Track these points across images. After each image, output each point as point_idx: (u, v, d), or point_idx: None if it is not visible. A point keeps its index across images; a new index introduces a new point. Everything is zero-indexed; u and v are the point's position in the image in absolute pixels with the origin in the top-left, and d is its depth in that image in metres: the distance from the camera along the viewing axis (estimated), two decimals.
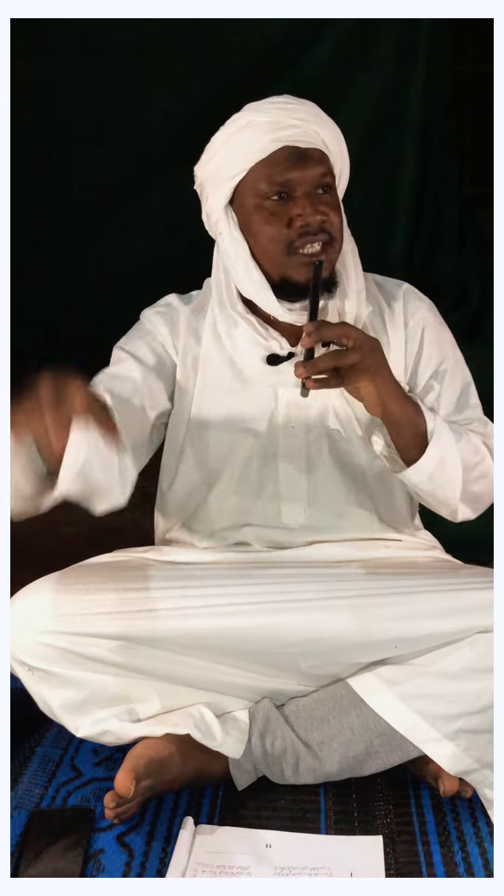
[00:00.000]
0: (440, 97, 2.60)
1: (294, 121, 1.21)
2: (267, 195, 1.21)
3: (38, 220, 2.44)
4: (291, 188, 1.21)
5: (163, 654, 1.22)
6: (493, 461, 1.29)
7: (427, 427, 1.22)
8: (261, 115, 1.22)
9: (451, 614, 1.19)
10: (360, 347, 1.12)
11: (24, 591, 1.25)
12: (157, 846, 1.18)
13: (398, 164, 2.54)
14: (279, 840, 1.17)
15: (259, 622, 1.21)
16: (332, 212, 1.23)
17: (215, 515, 1.37)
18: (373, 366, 1.15)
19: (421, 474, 1.23)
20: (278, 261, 1.22)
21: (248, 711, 1.27)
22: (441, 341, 1.35)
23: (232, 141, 1.23)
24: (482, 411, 1.36)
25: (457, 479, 1.24)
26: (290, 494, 1.34)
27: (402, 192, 2.55)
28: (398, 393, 1.20)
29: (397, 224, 2.57)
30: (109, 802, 1.18)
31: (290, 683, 1.27)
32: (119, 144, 2.43)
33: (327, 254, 1.22)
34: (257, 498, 1.35)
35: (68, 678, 1.21)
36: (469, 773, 1.18)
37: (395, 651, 1.22)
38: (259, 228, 1.23)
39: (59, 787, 1.31)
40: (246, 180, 1.23)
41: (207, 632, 1.21)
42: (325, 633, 1.20)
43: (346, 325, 1.15)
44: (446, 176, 2.67)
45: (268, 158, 1.21)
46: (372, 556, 1.35)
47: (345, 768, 1.24)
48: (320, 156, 1.23)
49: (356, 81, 2.47)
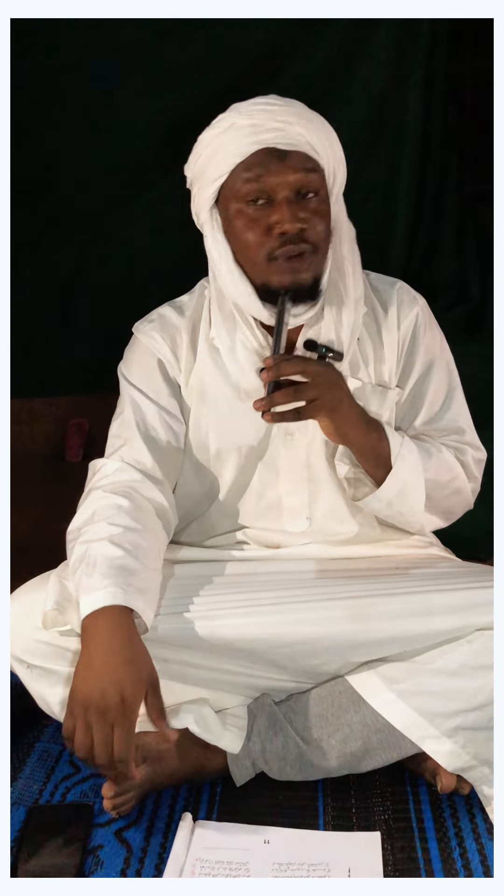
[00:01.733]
0: (440, 94, 2.60)
1: (276, 123, 1.17)
2: (247, 199, 1.18)
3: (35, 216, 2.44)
4: (272, 192, 1.17)
5: (160, 652, 1.21)
6: (466, 475, 1.31)
7: (391, 452, 1.23)
8: (243, 117, 1.18)
9: (448, 613, 1.19)
10: (319, 384, 1.13)
11: (22, 588, 1.25)
12: (156, 842, 1.18)
13: (398, 161, 2.53)
14: (277, 836, 1.18)
15: (257, 621, 1.21)
16: (316, 218, 1.19)
17: (216, 522, 1.38)
18: (331, 402, 1.15)
19: (380, 502, 1.25)
20: (259, 267, 1.20)
21: (247, 707, 1.28)
22: (431, 344, 1.34)
23: (215, 143, 1.20)
24: (466, 417, 1.36)
25: (418, 505, 1.27)
26: (291, 503, 1.34)
27: (401, 189, 2.55)
28: (359, 423, 1.21)
29: (397, 222, 2.56)
30: (107, 792, 1.18)
31: (289, 681, 1.27)
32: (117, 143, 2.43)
33: (308, 262, 1.19)
34: (258, 505, 1.35)
35: (67, 676, 1.21)
36: (467, 770, 1.19)
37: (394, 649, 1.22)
38: (240, 233, 1.20)
39: (58, 783, 1.31)
40: (228, 183, 1.20)
41: (205, 630, 1.21)
42: (322, 631, 1.20)
43: (305, 361, 1.14)
44: (446, 173, 2.67)
45: (247, 161, 1.17)
46: (370, 554, 1.35)
47: (343, 765, 1.24)
48: (304, 159, 1.18)
49: (355, 79, 2.47)
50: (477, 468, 1.35)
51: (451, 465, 1.29)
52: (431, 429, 1.33)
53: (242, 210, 1.19)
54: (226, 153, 1.18)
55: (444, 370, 1.35)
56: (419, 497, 1.26)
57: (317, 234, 1.19)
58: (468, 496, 1.35)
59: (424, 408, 1.32)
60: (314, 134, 1.18)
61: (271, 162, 1.17)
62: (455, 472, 1.30)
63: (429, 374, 1.32)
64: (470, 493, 1.35)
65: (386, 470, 1.23)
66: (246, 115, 1.18)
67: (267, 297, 1.21)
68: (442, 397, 1.34)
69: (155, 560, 1.19)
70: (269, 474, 1.33)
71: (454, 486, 1.30)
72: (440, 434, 1.33)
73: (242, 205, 1.19)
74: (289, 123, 1.17)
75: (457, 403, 1.35)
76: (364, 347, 1.31)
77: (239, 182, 1.18)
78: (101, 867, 1.14)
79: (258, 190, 1.17)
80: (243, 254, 1.21)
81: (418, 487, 1.25)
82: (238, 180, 1.18)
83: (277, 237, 1.17)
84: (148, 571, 1.15)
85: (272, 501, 1.34)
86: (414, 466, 1.24)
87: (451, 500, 1.32)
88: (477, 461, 1.34)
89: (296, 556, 1.35)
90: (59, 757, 1.37)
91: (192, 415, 1.33)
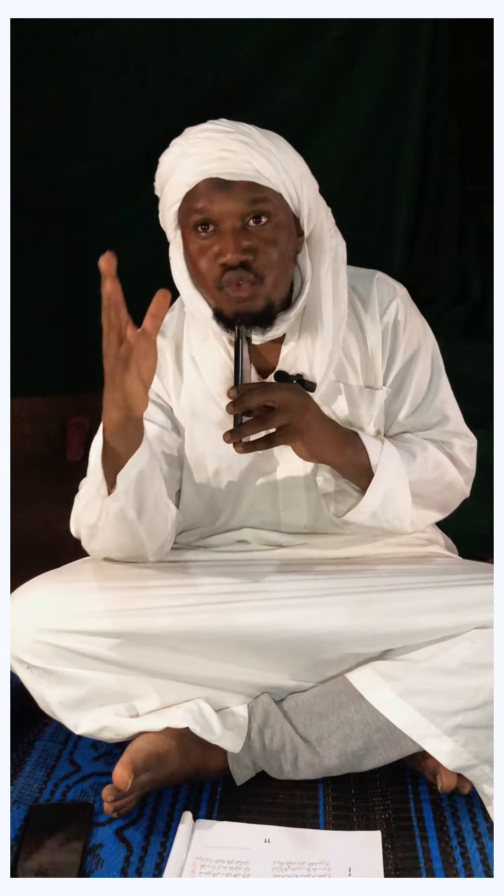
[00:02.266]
0: (441, 94, 2.60)
1: (220, 152, 1.15)
2: (195, 227, 1.18)
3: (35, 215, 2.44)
4: (217, 221, 1.16)
5: (161, 650, 1.22)
6: (456, 467, 1.30)
7: (371, 462, 1.22)
8: (190, 145, 1.17)
9: (448, 610, 1.19)
10: (286, 409, 1.12)
11: (21, 588, 1.25)
12: (156, 841, 1.18)
13: (399, 160, 2.53)
14: (278, 835, 1.18)
15: (256, 618, 1.21)
16: (265, 246, 1.17)
17: (216, 529, 1.38)
18: (301, 425, 1.14)
19: (362, 514, 1.25)
20: (210, 293, 1.20)
21: (247, 706, 1.27)
22: (413, 332, 1.33)
23: (168, 168, 1.19)
24: (453, 404, 1.35)
25: (403, 511, 1.26)
26: (290, 510, 1.34)
27: (402, 189, 2.55)
28: (332, 441, 1.20)
29: (397, 222, 2.57)
30: (108, 796, 1.18)
31: (289, 679, 1.27)
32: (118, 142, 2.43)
33: (254, 292, 1.17)
34: (257, 513, 1.35)
35: (66, 676, 1.21)
36: (467, 769, 1.19)
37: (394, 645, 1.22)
38: (193, 259, 1.20)
39: (58, 782, 1.31)
40: (181, 209, 1.20)
41: (205, 628, 1.21)
42: (322, 628, 1.21)
43: (269, 388, 1.14)
44: (447, 172, 2.67)
45: (193, 191, 1.17)
46: (370, 552, 1.35)
47: (343, 764, 1.24)
48: (250, 187, 1.15)
49: (356, 79, 2.47)
50: (467, 458, 1.34)
51: (438, 461, 1.29)
52: (416, 421, 1.32)
53: (194, 237, 1.19)
54: (175, 182, 1.18)
55: (428, 357, 1.34)
56: (404, 502, 1.25)
57: (265, 263, 1.17)
58: (462, 488, 1.34)
59: (410, 396, 1.31)
60: (263, 160, 1.15)
61: (215, 192, 1.15)
62: (443, 468, 1.29)
63: (413, 362, 1.32)
64: (463, 485, 1.34)
65: (368, 478, 1.23)
66: (192, 144, 1.17)
67: (224, 320, 1.21)
68: (426, 385, 1.33)
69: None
70: (268, 486, 1.33)
71: (444, 481, 1.30)
72: (425, 427, 1.32)
73: (193, 232, 1.19)
74: (233, 152, 1.15)
75: (442, 390, 1.34)
76: (349, 348, 1.30)
77: (187, 211, 1.19)
78: (101, 866, 1.14)
79: (203, 220, 1.17)
80: (197, 278, 1.22)
81: (403, 493, 1.24)
82: (187, 208, 1.19)
83: (220, 267, 1.17)
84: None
85: (271, 510, 1.35)
86: (397, 472, 1.24)
87: (444, 495, 1.32)
88: (466, 450, 1.34)
89: (296, 555, 1.35)
90: (60, 756, 1.37)
91: (187, 434, 1.33)
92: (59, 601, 1.22)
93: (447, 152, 2.67)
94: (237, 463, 1.31)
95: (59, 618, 1.20)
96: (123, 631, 1.21)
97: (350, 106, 2.47)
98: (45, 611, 1.21)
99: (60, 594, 1.23)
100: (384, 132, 2.53)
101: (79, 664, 1.21)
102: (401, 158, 2.53)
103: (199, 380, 1.31)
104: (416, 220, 2.61)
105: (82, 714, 1.23)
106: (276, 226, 1.18)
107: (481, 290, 2.57)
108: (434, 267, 2.63)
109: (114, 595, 1.22)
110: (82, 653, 1.21)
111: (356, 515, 1.25)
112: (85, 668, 1.21)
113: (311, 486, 1.32)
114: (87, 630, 1.20)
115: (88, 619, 1.20)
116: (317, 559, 1.34)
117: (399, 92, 2.50)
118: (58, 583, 1.26)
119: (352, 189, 2.54)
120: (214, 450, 1.30)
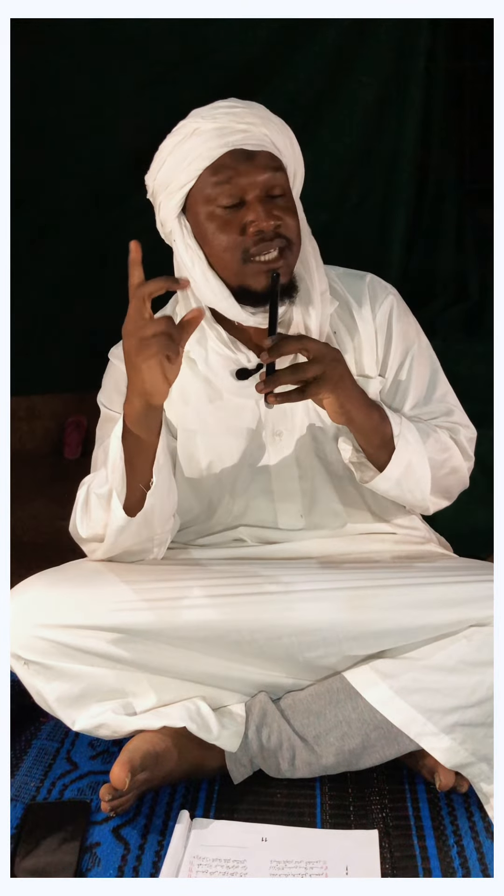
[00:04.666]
0: (440, 94, 2.60)
1: (242, 125, 1.18)
2: (218, 202, 1.19)
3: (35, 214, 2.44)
4: (242, 193, 1.18)
5: (159, 646, 1.22)
6: (461, 453, 1.32)
7: (393, 432, 1.22)
8: (207, 121, 1.19)
9: (446, 606, 1.19)
10: (321, 360, 1.13)
11: (20, 586, 1.25)
12: (153, 839, 1.18)
13: (397, 159, 2.53)
14: (275, 834, 1.18)
15: (254, 613, 1.21)
16: (287, 216, 1.20)
17: (213, 526, 1.38)
18: (333, 377, 1.14)
19: (388, 482, 1.25)
20: (235, 269, 1.20)
21: (244, 705, 1.27)
22: (407, 330, 1.34)
23: (179, 149, 1.20)
24: (453, 397, 1.37)
25: (425, 481, 1.26)
26: (285, 502, 1.35)
27: (401, 188, 2.55)
28: (362, 401, 1.20)
29: (397, 221, 2.56)
30: (105, 795, 1.18)
31: (286, 677, 1.27)
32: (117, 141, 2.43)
33: (285, 259, 1.20)
34: (253, 507, 1.35)
35: (64, 671, 1.21)
36: (465, 767, 1.19)
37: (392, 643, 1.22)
38: (213, 237, 1.20)
39: (56, 780, 1.31)
40: (196, 188, 1.20)
41: (203, 624, 1.21)
42: (319, 623, 1.21)
43: (304, 338, 1.14)
44: (446, 171, 2.67)
45: (215, 164, 1.18)
46: (367, 549, 1.36)
47: (341, 762, 1.24)
48: (270, 158, 1.19)
49: (355, 79, 2.47)
50: (470, 446, 1.35)
51: (447, 445, 1.30)
52: (422, 412, 1.33)
53: (214, 213, 1.19)
54: (192, 158, 1.18)
55: (425, 353, 1.35)
56: (425, 473, 1.26)
57: (292, 230, 1.20)
58: (464, 474, 1.35)
59: (411, 392, 1.33)
60: (277, 134, 1.20)
61: (240, 163, 1.17)
62: (450, 452, 1.30)
63: (410, 360, 1.33)
64: (466, 472, 1.35)
65: (388, 452, 1.23)
66: (209, 118, 1.19)
67: (245, 299, 1.21)
68: (426, 380, 1.34)
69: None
70: (261, 477, 1.33)
71: (451, 464, 1.31)
72: (431, 417, 1.33)
73: (213, 208, 1.19)
74: (253, 125, 1.18)
75: (442, 384, 1.36)
76: (342, 340, 1.31)
77: (208, 186, 1.19)
78: (98, 864, 1.14)
79: (229, 191, 1.18)
80: (217, 257, 1.21)
81: (423, 465, 1.25)
82: (207, 184, 1.19)
83: (253, 236, 1.17)
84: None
85: (266, 502, 1.35)
86: (416, 445, 1.24)
87: (449, 479, 1.33)
88: (469, 440, 1.35)
89: (293, 551, 1.35)
90: (57, 754, 1.37)
91: (180, 430, 1.33)
92: (57, 596, 1.22)
93: (446, 151, 2.67)
94: (229, 455, 1.31)
95: (58, 613, 1.20)
96: (121, 626, 1.21)
97: (349, 105, 2.47)
98: (43, 606, 1.21)
99: (58, 590, 1.23)
100: (383, 132, 2.53)
101: (77, 660, 1.21)
102: (400, 158, 2.53)
103: (192, 372, 1.31)
104: (415, 220, 2.61)
105: (80, 710, 1.23)
106: (288, 198, 1.22)
107: (480, 289, 2.57)
108: (432, 266, 2.63)
109: (112, 590, 1.22)
110: (80, 648, 1.21)
111: (383, 482, 1.25)
112: (83, 663, 1.21)
113: (304, 476, 1.32)
114: (86, 625, 1.20)
115: (87, 614, 1.20)
116: (314, 556, 1.34)
117: (398, 92, 2.50)
118: (56, 579, 1.26)
119: (351, 188, 2.54)
120: (207, 441, 1.31)
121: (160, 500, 1.20)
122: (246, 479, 1.33)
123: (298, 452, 1.31)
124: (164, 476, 1.19)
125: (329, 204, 2.43)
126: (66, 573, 1.27)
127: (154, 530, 1.24)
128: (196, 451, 1.33)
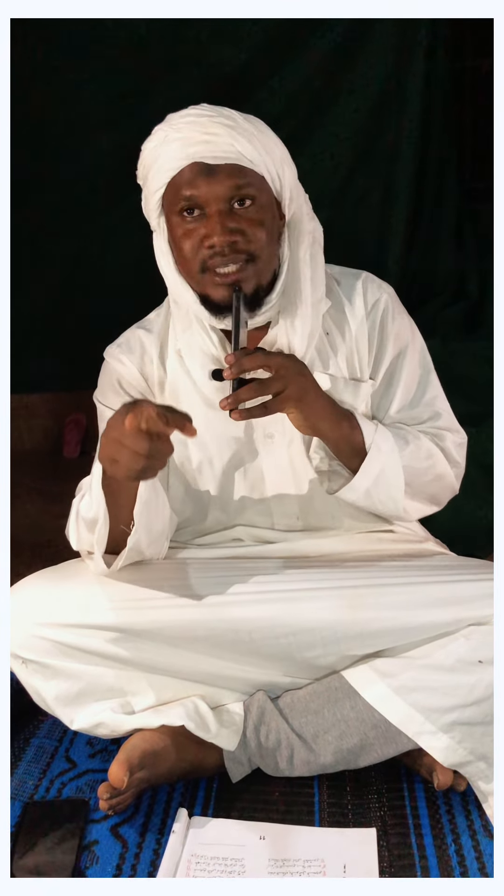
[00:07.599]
0: (440, 92, 2.60)
1: (204, 136, 1.16)
2: (181, 212, 1.19)
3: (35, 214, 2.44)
4: (203, 205, 1.17)
5: (157, 645, 1.22)
6: (446, 459, 1.30)
7: (365, 441, 1.22)
8: (173, 130, 1.18)
9: (444, 605, 1.19)
10: (284, 375, 1.12)
11: (18, 584, 1.25)
12: (152, 838, 1.18)
13: (397, 158, 2.53)
14: (273, 832, 1.18)
15: (253, 612, 1.21)
16: (252, 227, 1.18)
17: (209, 527, 1.38)
18: (297, 392, 1.14)
19: (356, 492, 1.24)
20: (196, 278, 1.20)
21: (242, 704, 1.28)
22: (400, 331, 1.33)
23: (152, 154, 1.20)
24: (443, 401, 1.35)
25: (397, 490, 1.25)
26: (280, 504, 1.34)
27: (401, 188, 2.55)
28: (328, 412, 1.20)
29: (396, 220, 2.56)
30: (103, 794, 1.18)
31: (285, 676, 1.27)
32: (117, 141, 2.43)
33: (245, 273, 1.18)
34: (248, 509, 1.35)
35: (63, 670, 1.22)
36: (463, 766, 1.19)
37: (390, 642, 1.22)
38: (179, 243, 1.20)
39: (54, 779, 1.31)
40: (166, 195, 1.20)
41: (201, 623, 1.21)
42: (318, 622, 1.21)
43: (266, 355, 1.13)
44: (446, 171, 2.67)
45: (178, 175, 1.17)
46: (365, 549, 1.36)
47: (339, 761, 1.24)
48: (234, 170, 1.17)
49: (355, 79, 2.47)
50: (458, 453, 1.34)
51: (430, 452, 1.29)
52: (408, 416, 1.32)
53: (179, 222, 1.20)
54: (160, 167, 1.19)
55: (417, 355, 1.34)
56: (398, 483, 1.25)
57: (254, 243, 1.18)
58: (452, 481, 1.34)
59: (399, 393, 1.31)
60: (245, 143, 1.16)
61: (199, 176, 1.16)
62: (434, 459, 1.29)
63: (401, 360, 1.32)
64: (453, 479, 1.34)
65: (361, 460, 1.23)
66: (175, 128, 1.18)
67: (209, 306, 1.21)
68: (416, 381, 1.33)
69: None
70: (256, 478, 1.33)
71: (435, 471, 1.30)
72: (417, 422, 1.32)
73: (178, 217, 1.19)
74: (216, 135, 1.16)
75: (432, 387, 1.35)
76: (334, 341, 1.30)
77: (172, 195, 1.19)
78: (96, 863, 1.14)
79: (189, 204, 1.18)
80: (182, 264, 1.22)
81: (396, 474, 1.24)
82: (172, 193, 1.19)
83: (208, 248, 1.17)
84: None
85: (262, 504, 1.35)
86: (390, 454, 1.23)
87: (434, 487, 1.32)
88: (457, 445, 1.34)
89: (291, 550, 1.35)
90: (55, 753, 1.37)
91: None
92: (56, 595, 1.23)
93: (446, 151, 2.67)
94: (219, 455, 1.31)
95: (56, 611, 1.21)
96: (120, 625, 1.21)
97: (349, 105, 2.47)
98: (42, 605, 1.22)
99: (57, 589, 1.24)
100: (383, 131, 2.53)
101: (75, 659, 1.21)
102: (399, 157, 2.53)
103: (183, 371, 1.31)
104: (415, 219, 2.61)
105: (78, 709, 1.23)
106: (260, 207, 1.19)
107: (479, 288, 2.57)
108: (432, 266, 2.63)
109: (111, 589, 1.22)
110: (78, 647, 1.21)
111: (349, 493, 1.25)
112: (81, 662, 1.22)
113: (298, 473, 1.32)
114: (84, 624, 1.20)
115: (85, 613, 1.21)
116: (312, 555, 1.34)
117: (398, 91, 2.50)
118: (55, 578, 1.26)
119: (350, 188, 2.54)
120: (198, 442, 1.30)
121: (146, 533, 1.20)
122: (239, 481, 1.33)
123: (291, 455, 1.31)
124: (150, 510, 1.19)
125: (329, 203, 2.43)
126: (65, 572, 1.28)
127: (144, 554, 1.25)
128: (187, 452, 1.33)
